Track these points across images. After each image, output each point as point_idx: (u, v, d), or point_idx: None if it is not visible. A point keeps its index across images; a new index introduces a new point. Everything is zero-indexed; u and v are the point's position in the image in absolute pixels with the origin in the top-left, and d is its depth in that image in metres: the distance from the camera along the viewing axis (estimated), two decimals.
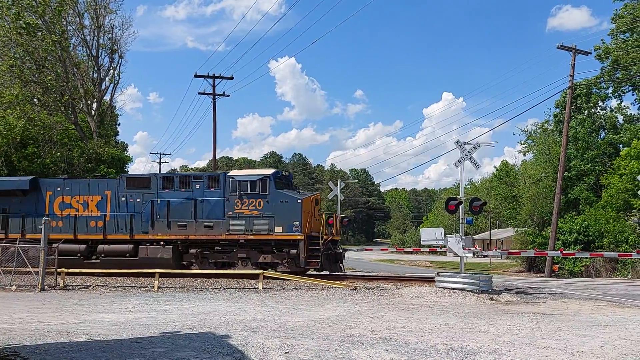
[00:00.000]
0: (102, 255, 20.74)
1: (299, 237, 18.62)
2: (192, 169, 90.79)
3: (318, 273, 20.94)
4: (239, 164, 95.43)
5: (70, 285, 18.11)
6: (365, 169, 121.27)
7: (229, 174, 20.29)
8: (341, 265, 20.32)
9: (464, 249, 15.90)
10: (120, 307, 12.82)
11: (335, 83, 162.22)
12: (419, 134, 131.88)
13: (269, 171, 20.22)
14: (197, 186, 20.40)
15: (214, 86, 34.37)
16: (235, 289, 17.24)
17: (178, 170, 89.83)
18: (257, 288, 17.08)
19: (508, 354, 7.22)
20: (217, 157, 38.18)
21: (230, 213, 19.58)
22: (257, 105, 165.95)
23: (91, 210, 21.47)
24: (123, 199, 21.12)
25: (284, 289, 17.07)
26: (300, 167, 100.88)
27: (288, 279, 18.19)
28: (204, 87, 48.24)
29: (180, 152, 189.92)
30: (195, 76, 34.06)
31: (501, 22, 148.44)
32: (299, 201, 18.83)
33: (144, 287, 17.87)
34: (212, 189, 20.09)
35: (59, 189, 21.93)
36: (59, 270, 18.34)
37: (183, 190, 20.57)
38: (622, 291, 15.81)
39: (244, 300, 14.06)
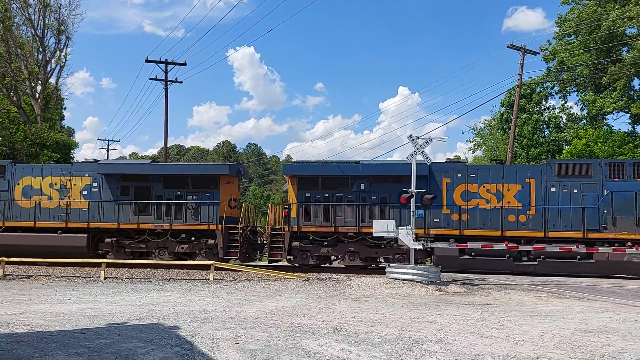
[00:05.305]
0: (542, 257, 18.21)
1: None
2: (143, 156, 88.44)
3: (271, 264, 20.88)
4: (191, 153, 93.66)
5: (11, 275, 17.36)
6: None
7: None
8: None
9: (414, 240, 16.24)
10: (64, 297, 12.38)
11: (296, 75, 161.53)
12: (376, 128, 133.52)
13: None
14: None
15: (166, 72, 33.57)
16: (186, 279, 16.98)
17: (127, 157, 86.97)
18: (208, 279, 16.89)
19: (453, 343, 7.43)
20: (170, 145, 37.36)
21: None
22: (214, 93, 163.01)
23: (508, 202, 18.72)
24: (553, 189, 18.52)
25: (235, 280, 16.95)
26: (254, 157, 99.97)
27: (240, 270, 18.08)
28: (156, 72, 46.96)
29: (133, 139, 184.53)
30: (147, 61, 33.14)
31: (459, 20, 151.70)
32: None
33: (90, 277, 17.34)
34: None
35: (459, 175, 19.18)
36: None
37: (639, 180, 18.13)
38: (562, 283, 16.55)
39: (195, 291, 13.86)
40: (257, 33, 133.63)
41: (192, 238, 20.47)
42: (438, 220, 19.04)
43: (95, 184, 21.12)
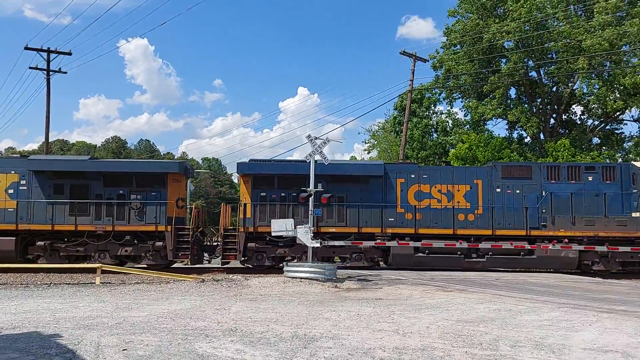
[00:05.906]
0: (490, 254, 19.08)
1: None
2: (22, 151, 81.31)
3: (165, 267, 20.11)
4: (76, 149, 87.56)
5: None
6: (217, 159, 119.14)
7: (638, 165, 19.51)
8: None
9: (312, 239, 16.47)
10: None
11: (193, 70, 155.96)
12: (276, 127, 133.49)
13: None
14: (590, 178, 19.48)
15: (48, 61, 31.12)
16: (69, 284, 15.85)
17: (3, 152, 79.61)
18: (94, 283, 15.90)
19: (347, 338, 7.63)
20: (52, 139, 34.70)
21: None
22: (103, 86, 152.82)
23: (458, 202, 19.42)
24: (498, 190, 19.51)
25: (124, 283, 16.13)
26: (147, 154, 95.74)
27: (130, 273, 17.24)
28: (37, 61, 43.16)
29: (10, 133, 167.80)
30: (26, 48, 30.53)
31: (357, 25, 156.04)
32: None
33: None
34: (608, 182, 19.43)
35: (412, 176, 19.55)
36: None
37: (573, 182, 19.45)
38: (447, 277, 17.64)
39: (78, 296, 12.97)
40: (151, 24, 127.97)
41: (136, 241, 19.25)
42: (393, 219, 19.59)
43: (23, 182, 19.26)
